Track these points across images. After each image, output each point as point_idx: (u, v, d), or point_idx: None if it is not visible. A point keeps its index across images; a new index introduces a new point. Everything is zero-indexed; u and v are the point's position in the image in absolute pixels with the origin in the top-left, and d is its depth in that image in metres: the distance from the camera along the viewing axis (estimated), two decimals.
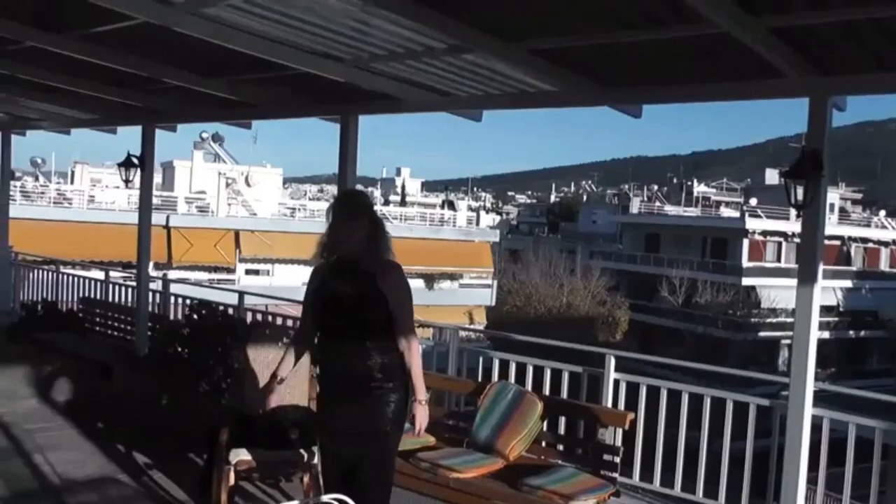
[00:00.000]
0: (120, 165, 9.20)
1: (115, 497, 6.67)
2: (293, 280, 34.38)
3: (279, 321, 9.03)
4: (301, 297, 7.78)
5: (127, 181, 9.16)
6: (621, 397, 6.67)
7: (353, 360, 4.45)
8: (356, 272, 4.45)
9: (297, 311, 8.84)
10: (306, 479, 6.14)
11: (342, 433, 4.54)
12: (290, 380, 6.59)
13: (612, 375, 6.65)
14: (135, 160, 9.10)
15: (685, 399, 6.31)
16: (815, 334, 4.82)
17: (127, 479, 6.99)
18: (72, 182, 46.96)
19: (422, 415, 4.58)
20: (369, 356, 4.43)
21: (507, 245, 68.28)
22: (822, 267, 4.98)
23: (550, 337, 7.89)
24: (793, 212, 4.99)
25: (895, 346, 48.95)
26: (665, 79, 5.87)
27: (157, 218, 35.53)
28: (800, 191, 4.86)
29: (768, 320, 45.27)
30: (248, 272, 39.98)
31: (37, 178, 46.57)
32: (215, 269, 38.89)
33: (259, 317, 9.47)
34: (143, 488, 6.84)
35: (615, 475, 5.89)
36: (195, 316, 8.61)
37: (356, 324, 4.45)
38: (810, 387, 4.78)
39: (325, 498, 3.45)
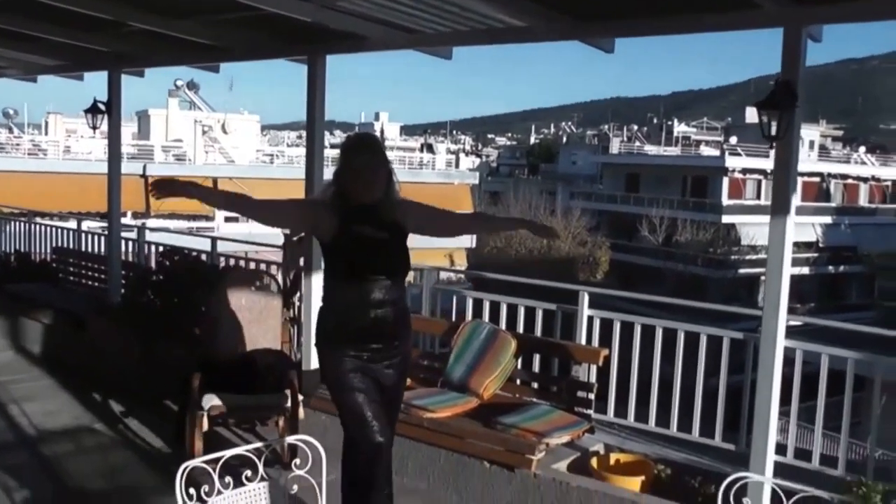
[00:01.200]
0: (86, 112, 9.02)
1: (91, 446, 6.67)
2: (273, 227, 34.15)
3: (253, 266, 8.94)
4: (278, 242, 7.75)
5: (94, 128, 9.00)
6: (595, 334, 6.66)
7: (381, 309, 4.27)
8: (381, 219, 4.30)
9: (276, 256, 8.82)
10: (281, 422, 6.14)
11: (374, 363, 4.34)
12: (262, 324, 6.58)
13: (586, 312, 6.62)
14: (101, 106, 8.93)
15: (659, 334, 6.29)
16: (789, 265, 4.80)
17: (103, 428, 6.99)
18: (46, 133, 46.44)
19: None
20: (398, 303, 4.36)
21: (487, 187, 68.31)
22: (795, 198, 4.94)
23: (531, 278, 7.84)
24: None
25: (873, 281, 49.41)
26: (637, 11, 5.75)
27: (134, 167, 35.37)
28: (773, 122, 4.80)
29: (748, 257, 45.50)
30: (227, 219, 39.77)
31: (10, 130, 46.02)
32: (194, 218, 38.66)
33: (232, 262, 9.38)
34: (118, 437, 6.85)
35: (589, 412, 5.91)
36: (167, 263, 8.52)
37: (391, 271, 4.33)
38: (783, 318, 4.77)
39: (290, 439, 3.44)
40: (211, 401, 5.82)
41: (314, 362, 6.63)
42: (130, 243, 10.93)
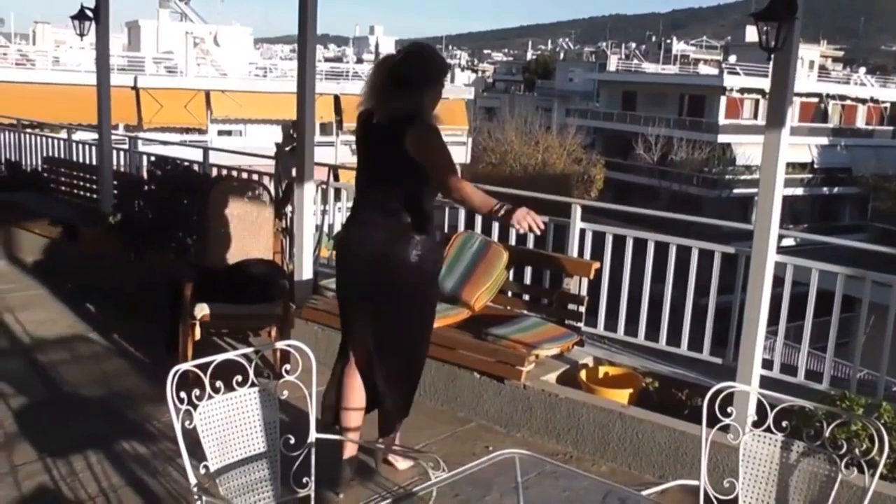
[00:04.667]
0: (73, 18, 8.86)
1: (85, 354, 6.71)
2: (266, 141, 34.09)
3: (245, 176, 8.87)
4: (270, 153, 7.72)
5: (82, 35, 8.85)
6: (587, 247, 6.65)
7: (380, 214, 4.38)
8: (391, 137, 4.29)
9: (268, 168, 8.76)
10: (273, 332, 6.16)
11: (364, 276, 4.39)
12: (255, 233, 6.57)
13: (579, 225, 6.59)
14: (89, 12, 8.77)
15: (651, 248, 6.28)
16: (782, 177, 4.76)
17: (97, 337, 7.03)
18: (34, 43, 45.68)
19: (519, 213, 4.01)
20: (396, 213, 4.34)
21: (483, 103, 67.72)
22: (791, 111, 4.89)
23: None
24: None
25: (867, 202, 49.45)
26: None
27: (125, 79, 34.96)
28: (772, 33, 4.72)
29: (743, 177, 45.45)
30: (220, 133, 39.46)
31: None
32: (187, 131, 38.33)
33: (224, 172, 9.33)
34: (112, 346, 6.89)
35: (579, 324, 5.93)
36: (158, 172, 8.47)
37: (384, 179, 4.40)
38: (775, 231, 4.75)
39: (280, 344, 3.46)
40: (203, 310, 5.84)
41: (306, 272, 6.65)
42: (122, 154, 10.86)
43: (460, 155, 44.20)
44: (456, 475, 3.21)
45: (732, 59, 57.71)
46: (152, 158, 9.84)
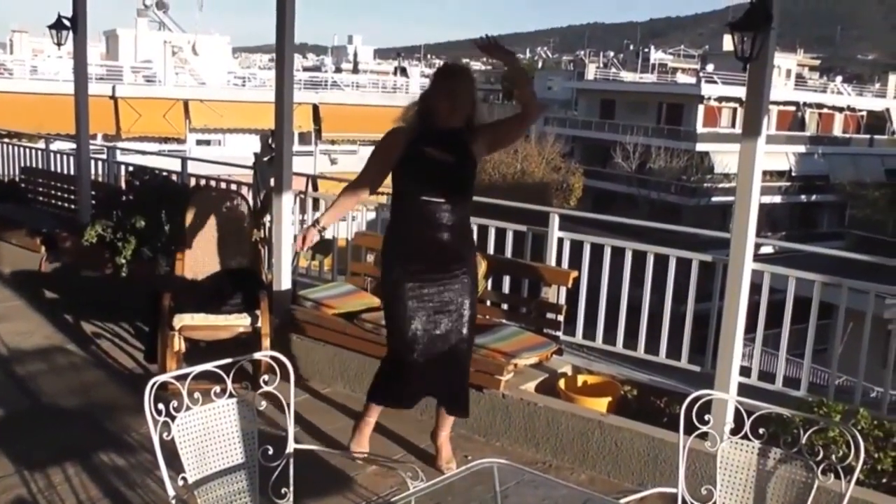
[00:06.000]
0: (50, 28, 8.81)
1: (63, 366, 6.67)
2: (245, 150, 33.98)
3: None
4: (249, 162, 7.67)
5: (59, 44, 8.81)
6: (565, 256, 6.67)
7: (439, 231, 4.52)
8: (454, 145, 4.53)
9: (247, 178, 8.75)
10: (252, 342, 6.13)
11: (427, 300, 4.56)
12: (233, 243, 6.56)
13: (556, 234, 6.62)
14: (66, 21, 8.72)
15: (629, 256, 6.32)
16: (758, 185, 4.79)
17: (75, 349, 6.99)
18: (11, 52, 45.42)
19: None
20: (458, 226, 4.58)
21: None
22: (766, 120, 4.92)
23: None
24: None
25: (845, 209, 49.79)
26: None
27: (103, 88, 34.83)
28: (748, 43, 4.75)
29: (721, 185, 45.67)
30: (199, 142, 39.36)
31: None
32: (166, 140, 38.22)
33: (203, 182, 9.29)
34: (91, 357, 6.86)
35: (558, 333, 5.94)
36: (136, 182, 8.44)
37: (451, 195, 4.53)
38: (751, 239, 4.78)
39: (258, 355, 3.46)
40: (182, 320, 5.83)
41: (284, 283, 6.64)
42: (101, 164, 10.80)
43: None
44: (434, 485, 3.22)
45: (710, 67, 58.06)
46: (130, 168, 9.80)
